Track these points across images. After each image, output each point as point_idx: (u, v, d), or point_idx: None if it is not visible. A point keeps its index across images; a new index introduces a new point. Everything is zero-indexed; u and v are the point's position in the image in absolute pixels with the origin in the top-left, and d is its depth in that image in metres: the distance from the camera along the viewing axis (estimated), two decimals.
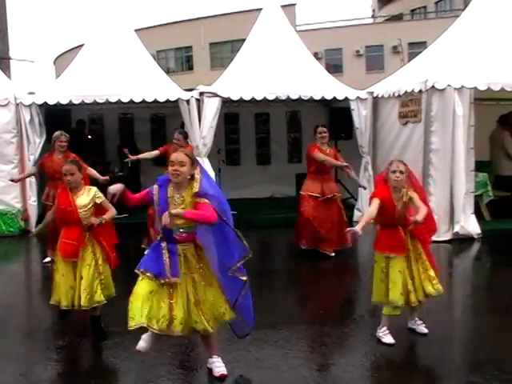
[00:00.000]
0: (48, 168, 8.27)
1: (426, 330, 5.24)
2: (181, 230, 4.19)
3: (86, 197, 5.26)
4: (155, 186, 4.24)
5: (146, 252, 4.42)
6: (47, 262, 8.17)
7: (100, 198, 5.25)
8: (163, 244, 4.22)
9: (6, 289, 7.46)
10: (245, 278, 4.35)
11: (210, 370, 4.51)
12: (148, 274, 4.17)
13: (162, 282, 4.16)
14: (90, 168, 8.50)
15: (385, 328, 5.16)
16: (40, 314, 6.36)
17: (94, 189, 5.36)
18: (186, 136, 8.81)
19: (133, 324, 4.08)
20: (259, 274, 8.12)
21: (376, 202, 5.04)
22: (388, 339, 5.09)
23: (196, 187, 4.18)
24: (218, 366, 4.45)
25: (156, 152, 8.78)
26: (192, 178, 4.20)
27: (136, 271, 4.24)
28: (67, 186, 5.23)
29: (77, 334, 5.45)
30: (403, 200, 5.06)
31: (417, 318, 5.29)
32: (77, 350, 5.18)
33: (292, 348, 5.09)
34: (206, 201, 4.15)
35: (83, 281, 5.10)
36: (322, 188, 8.32)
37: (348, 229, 5.17)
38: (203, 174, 4.28)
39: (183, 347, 4.96)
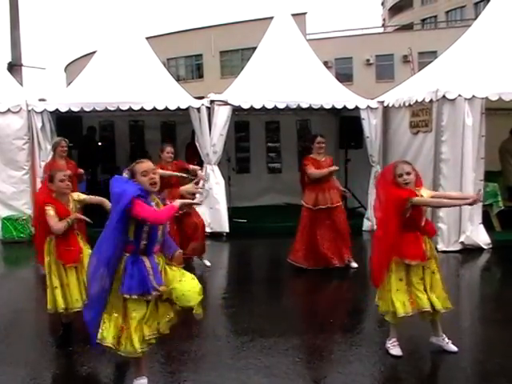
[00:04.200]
0: None
1: (455, 348, 5.06)
2: (157, 243, 4.23)
3: (73, 202, 5.35)
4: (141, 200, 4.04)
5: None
6: None
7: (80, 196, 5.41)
8: (143, 258, 4.13)
9: (16, 294, 7.49)
10: None
11: None
12: (134, 297, 4.09)
13: (150, 298, 4.12)
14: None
15: (394, 339, 5.12)
16: (50, 320, 6.37)
17: (75, 193, 5.46)
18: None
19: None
20: (268, 282, 8.15)
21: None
22: (396, 351, 5.05)
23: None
24: None
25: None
26: None
27: (126, 296, 4.10)
28: (64, 191, 5.27)
29: (86, 339, 5.46)
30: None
31: (444, 335, 5.13)
32: (86, 355, 5.19)
33: (301, 356, 5.09)
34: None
35: None
36: (317, 198, 8.15)
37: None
38: None
39: (192, 354, 4.96)
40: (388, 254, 5.02)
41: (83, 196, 5.44)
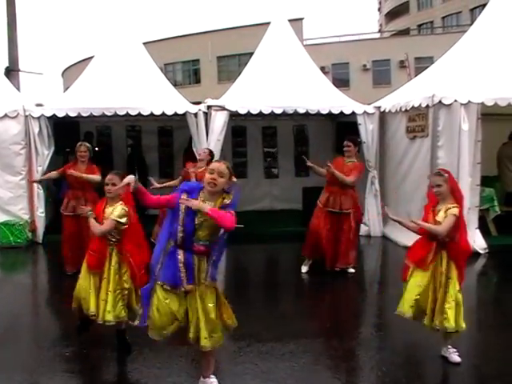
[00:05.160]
0: (71, 177, 8.30)
1: (458, 359, 5.00)
2: (200, 242, 4.15)
3: (114, 209, 5.17)
4: (183, 194, 4.09)
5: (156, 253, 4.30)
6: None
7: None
8: (179, 251, 4.14)
9: (13, 299, 7.47)
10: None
11: None
12: (166, 287, 4.14)
13: (178, 292, 4.15)
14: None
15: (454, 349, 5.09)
16: (47, 324, 6.38)
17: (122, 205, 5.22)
18: (211, 153, 8.92)
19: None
20: (266, 287, 8.15)
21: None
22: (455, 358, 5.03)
23: (227, 200, 4.17)
24: None
25: (180, 178, 8.71)
26: (227, 192, 4.19)
27: (156, 284, 4.17)
28: (106, 193, 5.27)
29: (84, 344, 5.46)
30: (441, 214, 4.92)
31: (449, 346, 5.09)
32: (84, 360, 5.19)
33: (298, 361, 5.08)
34: (232, 211, 4.17)
35: (109, 295, 5.08)
36: (328, 199, 8.16)
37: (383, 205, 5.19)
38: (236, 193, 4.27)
39: (189, 358, 4.96)
40: None
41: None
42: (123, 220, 5.09)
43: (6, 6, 17.53)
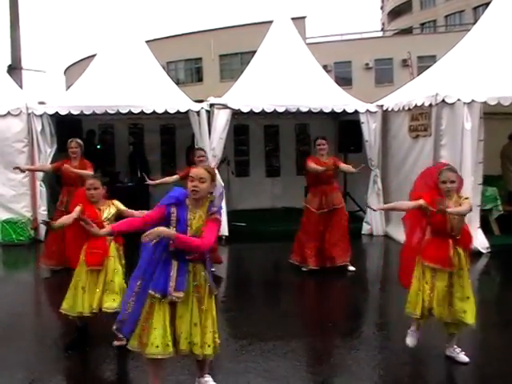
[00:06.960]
0: (64, 174, 8.33)
1: (466, 359, 4.94)
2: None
3: (109, 209, 5.36)
4: (172, 208, 4.01)
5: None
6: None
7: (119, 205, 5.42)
8: (174, 261, 4.02)
9: (15, 297, 7.48)
10: None
11: None
12: (157, 295, 3.99)
13: (168, 300, 4.00)
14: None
15: (413, 328, 5.03)
16: (49, 323, 6.37)
17: (116, 201, 5.45)
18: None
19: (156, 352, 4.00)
20: (267, 286, 8.15)
21: (420, 201, 4.79)
22: (409, 340, 4.99)
23: (214, 207, 4.08)
24: None
25: (176, 176, 8.55)
26: (210, 194, 4.10)
27: (151, 294, 4.01)
28: (89, 199, 5.32)
29: (86, 342, 5.46)
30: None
31: (455, 346, 5.03)
32: (86, 358, 5.19)
33: (300, 360, 5.09)
34: (217, 217, 4.07)
35: (115, 284, 5.17)
36: (321, 201, 8.21)
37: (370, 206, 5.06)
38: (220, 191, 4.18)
39: (191, 357, 4.95)
40: (411, 256, 5.05)
41: (122, 206, 5.41)
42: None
43: (9, 4, 17.54)
